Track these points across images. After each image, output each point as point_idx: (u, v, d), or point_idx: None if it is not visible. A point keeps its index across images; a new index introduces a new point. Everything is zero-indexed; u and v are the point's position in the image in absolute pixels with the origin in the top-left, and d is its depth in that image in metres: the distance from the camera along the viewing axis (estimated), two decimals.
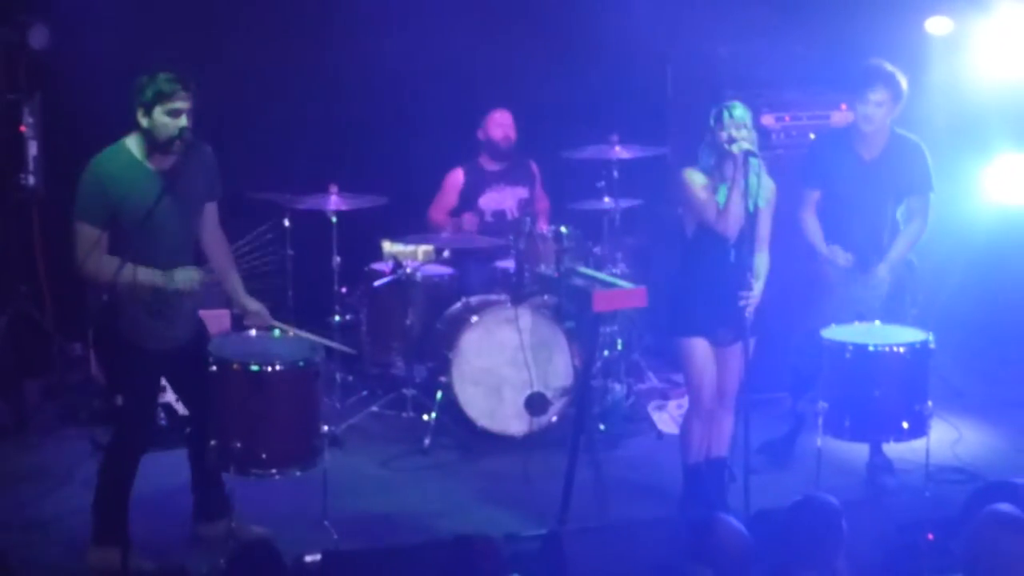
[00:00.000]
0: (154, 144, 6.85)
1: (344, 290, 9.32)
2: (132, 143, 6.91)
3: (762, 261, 7.47)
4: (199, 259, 7.21)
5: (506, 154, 9.78)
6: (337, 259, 9.12)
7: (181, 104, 6.83)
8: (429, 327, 9.17)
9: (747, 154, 7.20)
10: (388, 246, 9.79)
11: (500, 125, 9.78)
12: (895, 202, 8.17)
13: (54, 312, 9.36)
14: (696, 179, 7.38)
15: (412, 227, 9.54)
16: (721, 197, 7.31)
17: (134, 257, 6.71)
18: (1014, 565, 5.11)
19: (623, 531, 7.34)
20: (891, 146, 8.11)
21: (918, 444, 7.82)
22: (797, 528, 5.63)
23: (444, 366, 8.79)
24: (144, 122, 6.84)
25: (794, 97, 9.52)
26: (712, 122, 7.33)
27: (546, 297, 8.89)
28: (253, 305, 7.28)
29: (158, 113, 6.82)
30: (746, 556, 5.66)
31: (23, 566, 6.90)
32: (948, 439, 8.62)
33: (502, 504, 7.94)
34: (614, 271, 9.02)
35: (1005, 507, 5.30)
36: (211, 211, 7.22)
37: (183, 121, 6.84)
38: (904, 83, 7.97)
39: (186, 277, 6.92)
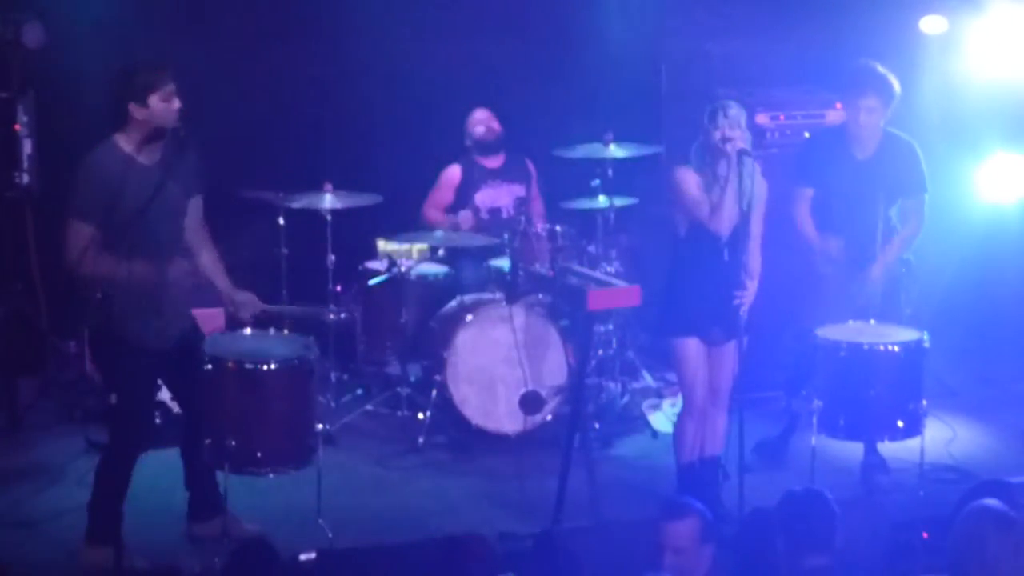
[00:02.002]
0: (152, 134, 6.85)
1: (339, 288, 9.31)
2: (122, 140, 6.90)
3: (754, 262, 7.48)
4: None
5: (494, 147, 9.77)
6: (332, 257, 9.12)
7: (171, 87, 6.84)
8: (423, 325, 9.17)
9: (741, 153, 7.21)
10: (383, 244, 9.78)
11: (479, 122, 9.78)
12: (888, 201, 8.16)
13: (48, 310, 9.34)
14: (689, 177, 7.39)
15: (407, 225, 9.53)
16: (714, 196, 7.31)
17: (129, 252, 6.72)
18: (998, 561, 5.11)
19: (617, 530, 7.35)
20: (884, 146, 8.11)
21: (912, 443, 7.83)
22: (790, 517, 5.64)
23: (439, 364, 8.79)
24: (139, 114, 6.84)
25: (788, 96, 9.52)
26: (706, 121, 7.34)
27: (540, 296, 8.89)
28: (241, 295, 7.25)
29: (155, 101, 6.82)
30: (703, 536, 5.73)
31: (16, 564, 6.89)
32: (942, 438, 8.62)
33: (496, 503, 7.94)
34: (608, 270, 9.02)
35: (991, 502, 5.30)
36: (196, 206, 7.20)
37: (176, 104, 6.85)
38: (896, 85, 7.97)
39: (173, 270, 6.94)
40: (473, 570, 5.67)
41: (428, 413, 8.81)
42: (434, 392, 8.81)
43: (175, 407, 8.00)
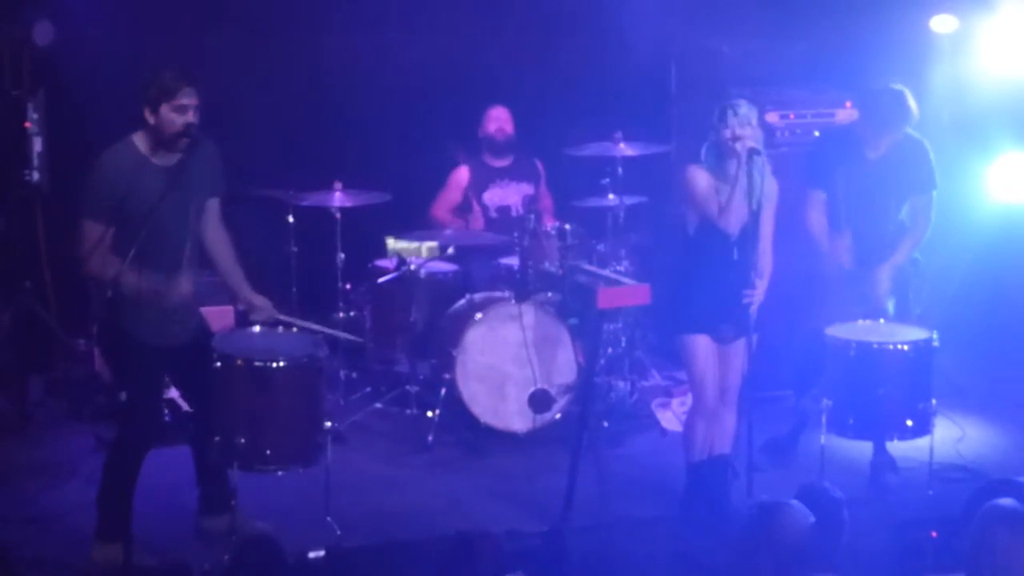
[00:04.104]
0: (160, 141, 6.88)
1: (348, 287, 9.33)
2: (139, 140, 6.93)
3: (764, 261, 7.47)
4: (202, 256, 7.24)
5: (504, 148, 9.79)
6: (341, 256, 9.14)
7: (186, 100, 6.85)
8: (433, 324, 9.18)
9: (751, 152, 7.21)
10: (392, 243, 9.79)
11: (495, 120, 9.82)
12: (900, 200, 8.16)
13: (58, 308, 9.37)
14: (700, 176, 7.39)
15: (416, 224, 9.56)
16: (724, 194, 7.31)
17: (139, 253, 6.72)
18: (1012, 559, 5.10)
19: (626, 529, 7.36)
20: (896, 145, 8.09)
21: (921, 442, 7.83)
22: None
23: (448, 363, 8.79)
24: (151, 119, 6.87)
25: (798, 95, 9.52)
26: (716, 119, 7.34)
27: (550, 294, 8.88)
28: (258, 300, 7.28)
29: (165, 110, 6.84)
30: (807, 542, 5.57)
31: (26, 561, 6.89)
32: (951, 437, 8.61)
33: (505, 501, 7.94)
34: (618, 268, 9.02)
35: (1006, 502, 5.30)
36: (213, 207, 7.22)
37: (189, 117, 6.86)
38: (915, 105, 7.93)
39: (184, 289, 6.92)
40: (482, 568, 5.66)
41: (437, 411, 8.81)
42: (443, 390, 8.82)
43: (184, 404, 8.02)
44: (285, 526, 7.25)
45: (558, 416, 8.79)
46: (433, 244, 9.65)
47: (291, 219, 9.26)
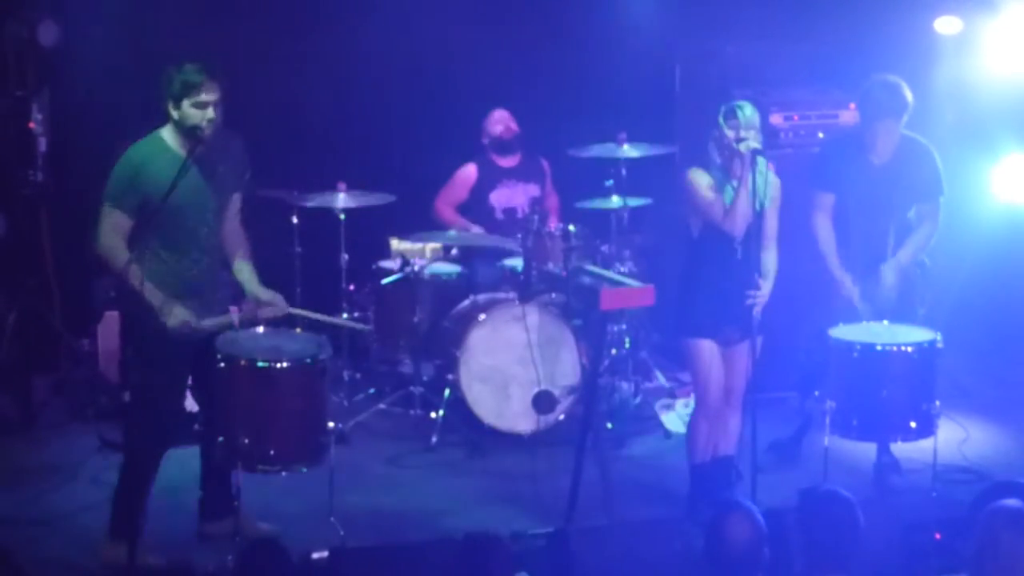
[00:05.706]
0: (185, 132, 6.90)
1: (352, 288, 9.34)
2: (165, 132, 6.98)
3: (771, 259, 7.47)
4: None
5: (512, 146, 9.77)
6: (345, 257, 9.14)
7: (208, 96, 6.88)
8: (437, 325, 9.17)
9: (755, 153, 7.20)
10: (396, 244, 9.78)
11: (498, 121, 9.78)
12: (906, 206, 8.13)
13: (62, 308, 9.37)
14: (702, 179, 7.38)
15: (420, 225, 9.54)
16: (727, 196, 7.31)
17: (160, 241, 6.79)
18: (1014, 558, 5.10)
19: (629, 530, 7.36)
20: (901, 150, 8.06)
21: (925, 444, 7.81)
22: (814, 524, 5.58)
23: (452, 364, 8.79)
24: (174, 114, 6.90)
25: (802, 96, 9.51)
26: (720, 121, 7.33)
27: (554, 295, 8.88)
28: (267, 295, 7.27)
29: (186, 105, 6.86)
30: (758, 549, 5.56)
31: (29, 562, 6.89)
32: (956, 439, 8.60)
33: (509, 502, 7.94)
34: (622, 269, 9.02)
35: (1010, 503, 5.29)
36: (235, 203, 7.24)
37: (210, 113, 6.90)
38: (909, 95, 7.91)
39: (181, 317, 6.92)
40: (486, 569, 5.66)
41: (441, 412, 8.81)
42: (447, 391, 8.82)
43: (190, 405, 7.99)
44: (289, 527, 7.26)
45: (562, 417, 8.79)
46: (437, 245, 9.66)
47: (295, 220, 9.27)
